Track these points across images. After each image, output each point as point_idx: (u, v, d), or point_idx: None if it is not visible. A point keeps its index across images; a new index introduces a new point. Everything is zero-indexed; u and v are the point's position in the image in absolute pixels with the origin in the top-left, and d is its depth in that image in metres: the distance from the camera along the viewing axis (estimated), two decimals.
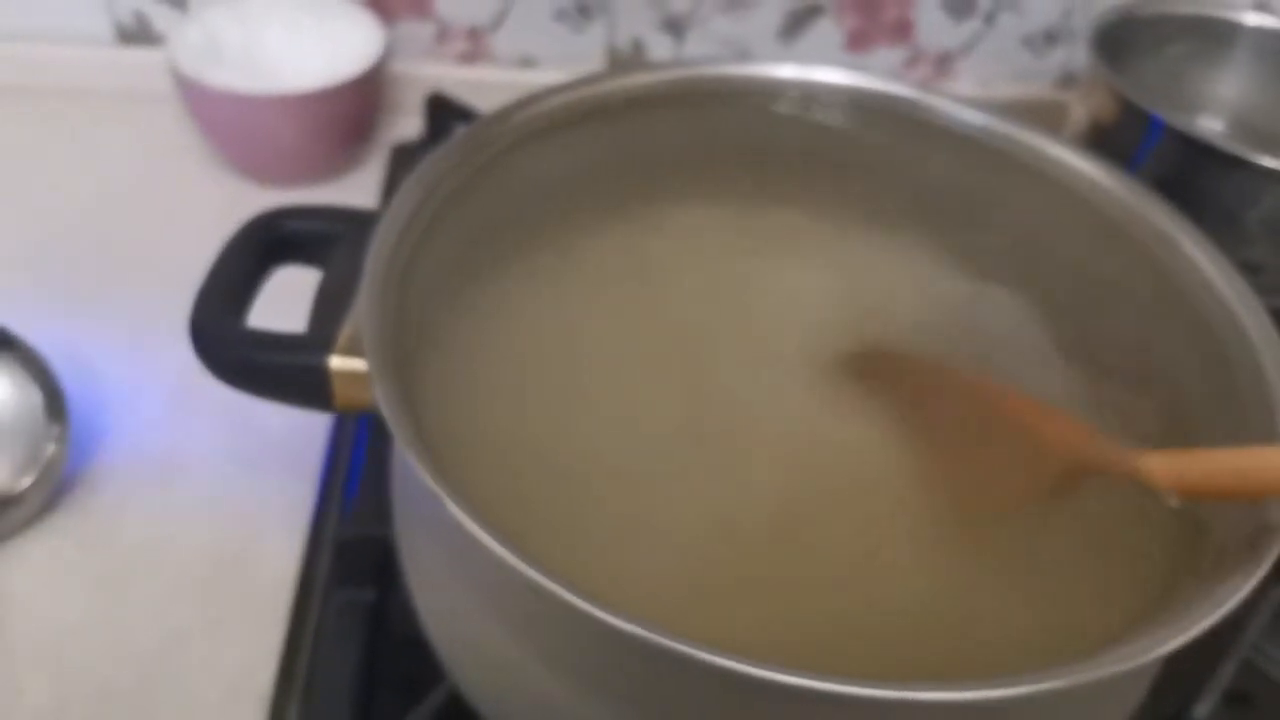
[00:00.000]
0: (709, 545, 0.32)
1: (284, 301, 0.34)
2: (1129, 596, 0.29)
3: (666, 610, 0.24)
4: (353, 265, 0.32)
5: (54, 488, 0.44)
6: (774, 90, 0.41)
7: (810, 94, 0.41)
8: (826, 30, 0.69)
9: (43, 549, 0.43)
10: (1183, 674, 0.25)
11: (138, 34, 0.67)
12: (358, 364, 0.31)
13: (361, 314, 0.29)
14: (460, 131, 0.37)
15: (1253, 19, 0.62)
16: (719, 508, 0.33)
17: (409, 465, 0.26)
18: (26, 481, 0.43)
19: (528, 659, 0.28)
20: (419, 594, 0.33)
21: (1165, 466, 0.30)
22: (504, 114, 0.37)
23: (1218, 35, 0.63)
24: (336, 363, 0.31)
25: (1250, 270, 0.34)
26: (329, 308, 0.33)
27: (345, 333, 0.32)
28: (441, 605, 0.32)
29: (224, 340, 0.33)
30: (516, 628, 0.28)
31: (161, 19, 0.66)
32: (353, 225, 0.36)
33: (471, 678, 0.32)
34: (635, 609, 0.23)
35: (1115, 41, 0.57)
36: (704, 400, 0.36)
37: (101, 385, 0.49)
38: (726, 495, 0.33)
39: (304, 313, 0.33)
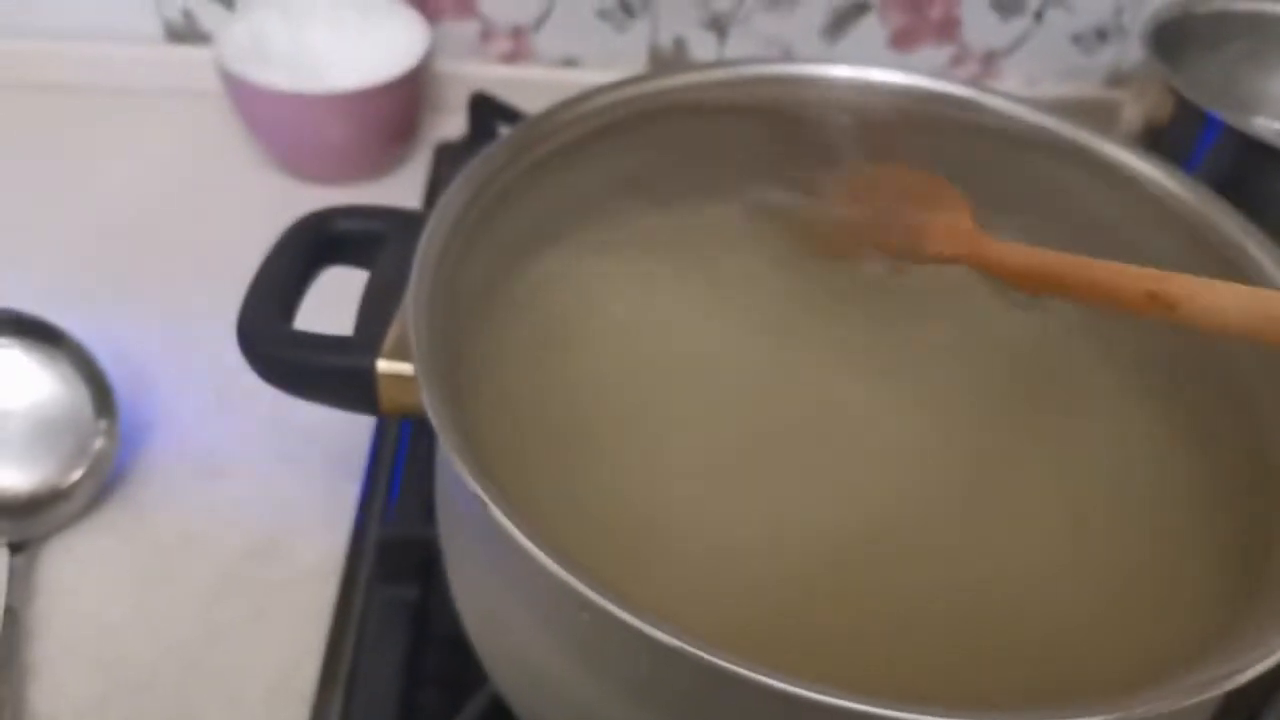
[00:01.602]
0: (764, 553, 0.31)
1: (332, 302, 0.34)
2: (1197, 616, 0.29)
3: (715, 621, 0.24)
4: (400, 266, 0.32)
5: (102, 482, 0.44)
6: (825, 90, 0.41)
7: (863, 93, 0.41)
8: (871, 28, 0.68)
9: (90, 543, 0.44)
10: (1249, 688, 0.25)
11: (186, 32, 0.68)
12: (404, 367, 0.31)
13: (409, 317, 0.29)
14: (507, 132, 0.37)
15: None
16: (782, 516, 0.32)
17: (455, 471, 0.26)
18: (75, 476, 0.44)
19: (571, 669, 0.28)
20: (462, 599, 0.33)
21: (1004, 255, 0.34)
22: (551, 114, 0.37)
23: (1277, 33, 0.61)
24: (383, 366, 0.31)
25: None
26: (376, 309, 0.33)
27: (392, 335, 0.32)
28: (485, 612, 0.32)
29: (270, 343, 0.33)
30: (562, 638, 0.27)
31: (209, 17, 0.67)
32: (400, 226, 0.36)
33: (514, 684, 0.32)
34: (688, 622, 0.22)
35: (1171, 39, 0.56)
36: (764, 403, 0.35)
37: (149, 381, 0.50)
38: (789, 504, 0.33)
39: (351, 314, 0.33)
